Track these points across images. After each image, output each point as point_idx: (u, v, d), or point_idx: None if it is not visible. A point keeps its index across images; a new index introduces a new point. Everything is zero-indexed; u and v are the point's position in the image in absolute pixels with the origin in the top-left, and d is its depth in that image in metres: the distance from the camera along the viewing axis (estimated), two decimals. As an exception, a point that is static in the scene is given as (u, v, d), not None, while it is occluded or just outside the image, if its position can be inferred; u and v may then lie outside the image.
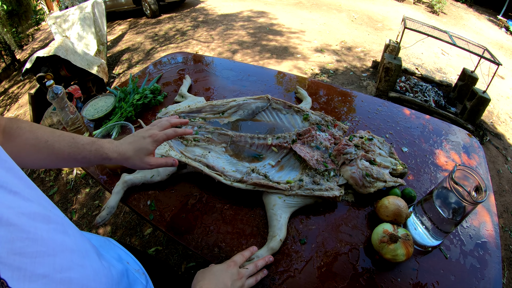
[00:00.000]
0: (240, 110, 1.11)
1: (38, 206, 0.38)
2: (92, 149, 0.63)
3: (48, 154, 0.60)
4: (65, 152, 0.61)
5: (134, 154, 0.65)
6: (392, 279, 0.69)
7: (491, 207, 0.87)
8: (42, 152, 0.60)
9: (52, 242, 0.36)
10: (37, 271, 0.32)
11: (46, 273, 0.33)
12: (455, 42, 3.16)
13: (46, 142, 0.60)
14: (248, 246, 0.76)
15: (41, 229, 0.35)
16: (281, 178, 0.86)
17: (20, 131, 0.59)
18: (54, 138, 0.61)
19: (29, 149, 0.59)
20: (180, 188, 0.92)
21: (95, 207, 2.17)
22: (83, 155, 0.62)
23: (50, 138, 0.60)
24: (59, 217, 0.43)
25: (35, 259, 0.32)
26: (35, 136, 0.59)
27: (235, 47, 4.58)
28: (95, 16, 4.09)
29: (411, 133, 1.11)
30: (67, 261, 0.38)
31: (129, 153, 0.65)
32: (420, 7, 7.30)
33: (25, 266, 0.31)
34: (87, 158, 0.62)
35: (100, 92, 3.66)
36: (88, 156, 0.62)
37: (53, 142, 0.60)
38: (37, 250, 0.33)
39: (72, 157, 0.61)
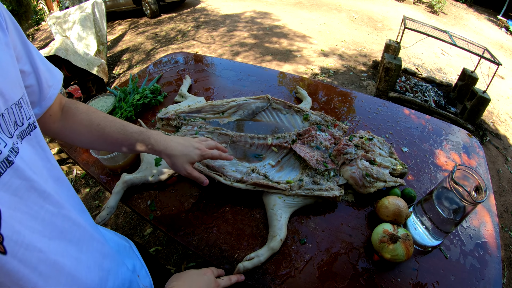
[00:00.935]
0: (240, 110, 1.11)
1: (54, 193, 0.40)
2: (139, 138, 0.66)
3: (98, 137, 0.64)
4: (114, 137, 0.64)
5: (180, 155, 0.68)
6: (392, 279, 0.69)
7: (491, 207, 0.87)
8: (93, 133, 0.63)
9: (51, 225, 0.38)
10: (34, 243, 0.34)
11: (43, 249, 0.35)
12: (455, 42, 3.16)
13: (98, 125, 0.63)
14: (248, 246, 0.76)
15: (46, 210, 0.37)
16: (281, 178, 0.86)
17: (77, 111, 0.63)
18: (106, 122, 0.64)
19: (82, 129, 0.63)
20: (180, 188, 0.92)
21: (95, 207, 2.17)
22: (130, 142, 0.65)
23: (102, 122, 0.64)
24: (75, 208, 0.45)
25: (33, 233, 0.34)
26: (89, 118, 0.63)
27: (236, 48, 4.58)
28: (95, 16, 4.09)
29: (411, 133, 1.11)
30: (62, 249, 0.39)
31: (176, 152, 0.68)
32: (420, 7, 7.30)
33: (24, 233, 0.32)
34: (133, 145, 0.66)
35: (100, 92, 3.66)
36: (134, 144, 0.66)
37: (104, 126, 0.64)
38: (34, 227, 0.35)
39: (120, 143, 0.65)
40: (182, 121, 1.07)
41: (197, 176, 0.71)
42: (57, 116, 0.60)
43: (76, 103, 0.65)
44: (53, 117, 0.59)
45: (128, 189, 0.90)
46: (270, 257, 0.72)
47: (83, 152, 1.07)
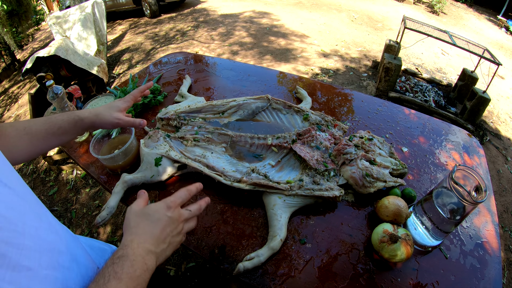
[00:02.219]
0: (240, 110, 1.11)
1: (30, 206, 0.39)
2: (64, 117, 0.67)
3: (29, 140, 0.63)
4: (43, 130, 0.64)
5: (104, 110, 0.72)
6: (392, 279, 0.69)
7: (491, 207, 0.87)
8: (24, 139, 0.62)
9: (39, 239, 0.37)
10: (22, 262, 0.33)
11: (31, 266, 0.34)
12: (455, 42, 3.16)
13: (24, 129, 0.63)
14: (249, 247, 0.76)
15: (30, 225, 0.36)
16: (281, 178, 0.86)
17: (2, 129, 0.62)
18: (30, 122, 0.65)
19: (13, 142, 0.61)
20: (180, 188, 0.92)
21: (95, 207, 2.17)
22: (58, 125, 0.66)
23: (26, 124, 0.64)
24: (52, 219, 0.44)
25: (21, 251, 0.33)
26: (14, 128, 0.62)
27: (236, 48, 4.58)
28: (95, 16, 4.09)
29: (411, 133, 1.11)
30: (53, 261, 0.38)
31: (100, 109, 0.72)
32: (420, 7, 7.30)
33: (10, 255, 0.31)
34: (63, 127, 0.67)
35: (100, 92, 3.66)
36: (62, 125, 0.67)
37: (29, 126, 0.64)
38: (24, 243, 0.34)
39: (50, 133, 0.65)
40: (182, 121, 1.07)
41: (131, 120, 0.74)
42: None
43: None
44: None
45: (128, 189, 0.89)
46: (270, 257, 0.72)
47: (83, 153, 1.07)
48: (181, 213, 0.55)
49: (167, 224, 0.52)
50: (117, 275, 0.40)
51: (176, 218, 0.54)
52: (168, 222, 0.52)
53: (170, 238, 0.52)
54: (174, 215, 0.53)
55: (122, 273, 0.41)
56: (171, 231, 0.52)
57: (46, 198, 2.33)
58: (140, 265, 0.44)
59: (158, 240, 0.50)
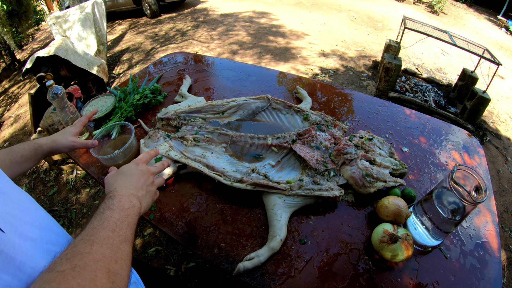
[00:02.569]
0: (240, 110, 1.11)
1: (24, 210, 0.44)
2: (25, 145, 0.73)
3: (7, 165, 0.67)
4: (6, 160, 0.68)
5: (60, 136, 0.80)
6: (392, 279, 0.69)
7: (491, 207, 0.87)
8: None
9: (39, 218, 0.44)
10: (26, 233, 0.38)
11: (34, 238, 0.39)
12: (455, 42, 3.16)
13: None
14: (249, 246, 0.76)
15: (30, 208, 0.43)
16: (281, 178, 0.86)
17: None
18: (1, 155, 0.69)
19: None
20: (180, 188, 0.92)
21: (95, 207, 2.17)
22: (20, 154, 0.71)
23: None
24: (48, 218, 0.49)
25: (25, 224, 0.39)
26: None
27: (235, 48, 4.58)
28: (95, 16, 4.09)
29: (411, 133, 1.11)
30: (53, 239, 0.44)
31: (56, 136, 0.80)
32: (420, 7, 7.30)
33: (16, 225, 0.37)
34: (24, 155, 0.71)
35: (100, 92, 3.66)
36: (24, 153, 0.71)
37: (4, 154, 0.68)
38: (26, 218, 0.40)
39: (13, 162, 0.69)
40: (182, 121, 1.07)
41: (84, 143, 0.83)
42: None
43: None
44: None
45: (128, 189, 0.89)
46: (270, 257, 0.72)
47: (83, 153, 1.07)
48: (148, 168, 0.64)
49: (140, 175, 0.60)
50: (109, 207, 0.48)
51: (145, 171, 0.62)
52: (140, 174, 0.60)
53: (146, 186, 0.60)
54: (143, 169, 0.62)
55: (113, 206, 0.49)
56: (145, 181, 0.60)
57: (46, 198, 2.33)
58: (127, 201, 0.52)
59: (136, 187, 0.58)
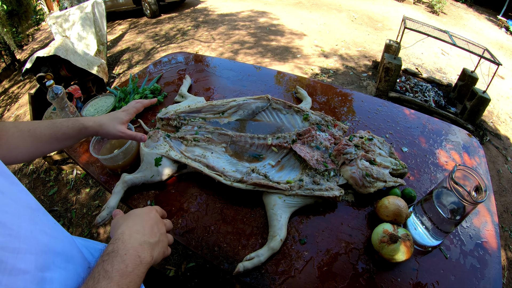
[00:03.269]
0: (240, 110, 1.11)
1: (25, 209, 0.39)
2: (69, 123, 0.69)
3: (32, 142, 0.64)
4: (47, 134, 0.66)
5: (108, 121, 0.75)
6: (392, 279, 0.69)
7: (491, 207, 0.87)
8: (27, 141, 0.64)
9: (35, 241, 0.37)
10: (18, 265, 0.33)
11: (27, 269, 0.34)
12: (455, 42, 3.16)
13: (28, 131, 0.64)
14: (249, 246, 0.76)
15: (25, 228, 0.36)
16: (281, 178, 0.86)
17: (5, 128, 0.63)
18: (35, 125, 0.66)
19: (15, 142, 0.63)
20: (180, 188, 0.92)
21: (95, 207, 2.17)
22: (62, 131, 0.68)
23: (31, 126, 0.65)
24: (48, 221, 0.44)
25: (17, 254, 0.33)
26: (18, 129, 0.64)
27: (236, 48, 4.58)
28: (95, 16, 4.08)
29: (411, 133, 1.11)
30: (49, 262, 0.38)
31: (104, 120, 0.75)
32: (420, 7, 7.30)
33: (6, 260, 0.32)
34: (67, 133, 0.68)
35: (100, 92, 3.66)
36: (67, 131, 0.68)
37: (34, 129, 0.65)
38: (19, 247, 0.34)
39: (54, 137, 0.67)
40: (182, 121, 1.07)
41: (133, 134, 0.78)
42: None
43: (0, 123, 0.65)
44: None
45: (128, 189, 0.90)
46: (270, 257, 0.72)
47: (83, 153, 1.07)
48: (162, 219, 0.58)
49: (154, 221, 0.53)
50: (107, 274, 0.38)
51: (159, 219, 0.56)
52: (154, 219, 0.54)
53: (159, 234, 0.51)
54: (157, 216, 0.56)
55: (112, 271, 0.38)
56: (159, 229, 0.53)
57: (46, 198, 2.33)
58: (133, 259, 0.41)
59: (150, 231, 0.49)
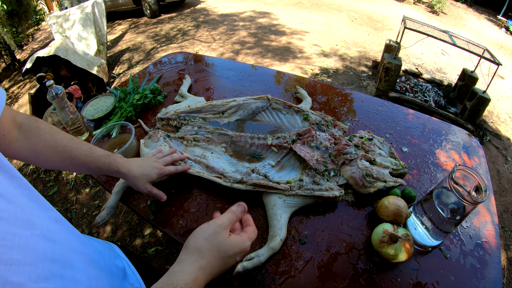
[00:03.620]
0: (240, 110, 1.11)
1: (22, 211, 0.38)
2: (107, 161, 0.69)
3: (64, 158, 0.64)
4: (81, 160, 0.65)
5: (140, 176, 0.75)
6: (392, 279, 0.69)
7: (491, 207, 0.87)
8: (59, 155, 0.63)
9: (30, 250, 0.36)
10: (11, 279, 0.32)
11: (21, 281, 0.33)
12: (455, 42, 3.16)
13: (64, 147, 0.63)
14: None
15: (19, 235, 0.35)
16: (281, 178, 0.86)
17: (39, 132, 0.62)
18: (73, 144, 0.65)
19: (46, 150, 0.62)
20: (180, 188, 0.92)
21: (95, 207, 2.17)
22: (97, 165, 0.68)
23: (69, 144, 0.64)
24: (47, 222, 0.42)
25: (10, 266, 0.32)
26: (54, 140, 0.63)
27: (236, 48, 4.58)
28: (95, 16, 4.09)
29: (411, 133, 1.11)
30: (45, 271, 0.37)
31: (137, 173, 0.75)
32: (420, 7, 7.30)
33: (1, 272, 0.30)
34: (100, 168, 0.69)
35: (100, 92, 3.66)
36: (101, 167, 0.69)
37: (71, 148, 0.64)
38: (13, 258, 0.33)
39: (86, 165, 0.67)
40: (182, 121, 1.07)
41: (156, 193, 0.78)
42: (12, 135, 0.58)
43: (36, 121, 0.63)
44: (7, 137, 0.56)
45: (128, 189, 0.90)
46: (270, 257, 0.72)
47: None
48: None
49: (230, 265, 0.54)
50: None
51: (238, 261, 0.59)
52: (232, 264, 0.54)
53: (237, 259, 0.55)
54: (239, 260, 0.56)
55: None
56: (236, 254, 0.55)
57: (46, 198, 2.32)
58: None
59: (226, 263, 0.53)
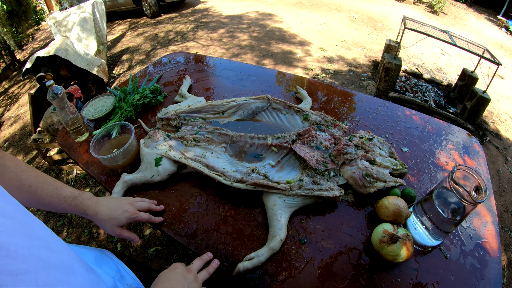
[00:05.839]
0: (240, 110, 1.11)
1: (19, 224, 0.38)
2: (73, 203, 0.67)
3: (29, 198, 0.63)
4: (46, 200, 0.64)
5: (108, 219, 0.72)
6: (392, 279, 0.69)
7: (491, 207, 0.87)
8: (23, 195, 0.62)
9: (33, 259, 0.36)
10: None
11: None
12: (455, 42, 3.16)
13: (29, 187, 0.62)
14: (249, 246, 0.76)
15: (22, 246, 0.35)
16: (281, 178, 0.86)
17: (5, 170, 0.61)
18: (38, 184, 0.64)
19: (11, 190, 0.61)
20: (180, 188, 0.92)
21: None
22: (63, 206, 0.66)
23: (33, 183, 0.63)
24: (44, 232, 0.43)
25: (16, 276, 0.32)
26: (19, 179, 0.62)
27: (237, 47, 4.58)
28: (95, 16, 4.08)
29: (411, 133, 1.11)
30: (50, 278, 0.38)
31: (104, 217, 0.72)
32: (420, 7, 7.30)
33: (6, 284, 0.31)
34: (66, 209, 0.67)
35: (100, 92, 3.66)
36: (67, 208, 0.67)
37: (36, 188, 0.63)
38: (18, 268, 0.33)
39: (52, 206, 0.66)
40: (182, 121, 1.07)
41: (127, 236, 0.75)
42: None
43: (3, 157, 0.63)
44: None
45: (128, 189, 0.90)
46: (270, 257, 0.72)
47: (83, 153, 1.07)
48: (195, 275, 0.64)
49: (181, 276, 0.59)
50: None
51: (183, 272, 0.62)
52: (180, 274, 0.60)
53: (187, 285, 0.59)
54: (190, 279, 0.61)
55: None
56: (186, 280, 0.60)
57: (46, 198, 2.33)
58: None
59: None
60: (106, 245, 1.90)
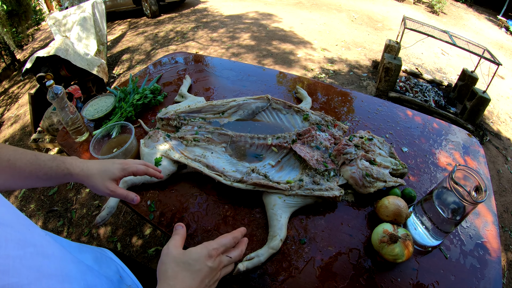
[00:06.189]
0: (240, 110, 1.11)
1: (12, 230, 0.37)
2: (53, 165, 0.60)
3: (11, 174, 0.58)
4: (27, 170, 0.59)
5: (97, 173, 0.62)
6: (392, 279, 0.69)
7: (491, 207, 0.87)
8: (5, 171, 0.58)
9: (26, 270, 0.35)
10: None
11: None
12: (455, 42, 3.16)
13: (8, 161, 0.58)
14: (248, 246, 0.76)
15: (13, 257, 0.34)
16: (281, 178, 0.86)
17: None
18: (16, 156, 0.59)
19: None
20: (180, 188, 0.92)
21: (95, 207, 2.17)
22: (44, 171, 0.60)
23: (12, 156, 0.58)
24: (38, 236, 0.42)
25: None
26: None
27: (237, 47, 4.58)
28: (95, 16, 4.08)
29: (411, 133, 1.11)
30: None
31: (93, 170, 0.62)
32: (420, 7, 7.30)
33: None
34: (48, 174, 0.60)
35: (100, 92, 3.66)
36: (49, 172, 0.60)
37: (14, 160, 0.58)
38: (10, 282, 0.32)
39: (34, 175, 0.59)
40: (182, 121, 1.07)
41: (123, 194, 0.64)
42: None
43: None
44: None
45: (128, 189, 0.89)
46: (270, 257, 0.72)
47: (83, 152, 1.07)
48: (221, 261, 0.53)
49: (207, 275, 0.50)
50: None
51: (215, 267, 0.51)
52: (208, 273, 0.50)
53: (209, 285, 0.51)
54: (215, 265, 0.51)
55: None
56: (209, 281, 0.51)
57: (46, 198, 2.33)
58: None
59: None
60: (106, 245, 1.90)
